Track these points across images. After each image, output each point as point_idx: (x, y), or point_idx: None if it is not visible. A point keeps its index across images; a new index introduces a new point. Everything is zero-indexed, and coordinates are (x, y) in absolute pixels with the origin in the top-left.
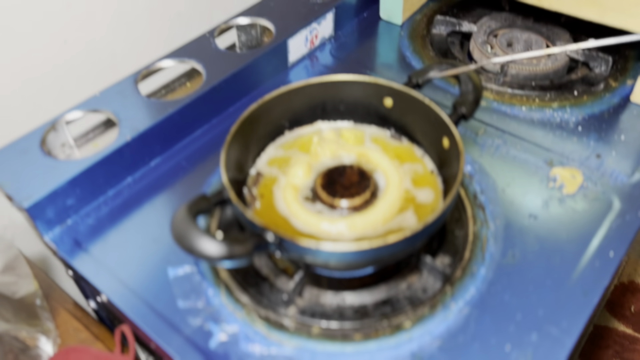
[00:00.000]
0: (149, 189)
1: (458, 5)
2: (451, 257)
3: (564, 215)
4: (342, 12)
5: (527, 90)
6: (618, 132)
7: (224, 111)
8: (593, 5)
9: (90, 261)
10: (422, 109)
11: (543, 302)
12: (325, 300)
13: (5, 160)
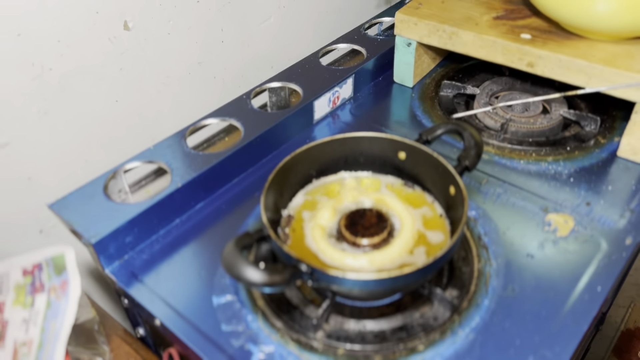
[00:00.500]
0: (195, 229)
1: (463, 71)
2: (459, 290)
3: (558, 255)
4: (360, 77)
5: (525, 145)
6: (606, 183)
7: (258, 162)
8: (579, 73)
9: (145, 291)
10: (432, 161)
11: (539, 329)
12: (349, 327)
13: (74, 203)
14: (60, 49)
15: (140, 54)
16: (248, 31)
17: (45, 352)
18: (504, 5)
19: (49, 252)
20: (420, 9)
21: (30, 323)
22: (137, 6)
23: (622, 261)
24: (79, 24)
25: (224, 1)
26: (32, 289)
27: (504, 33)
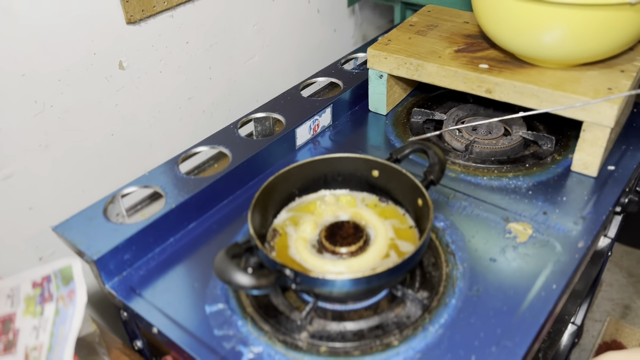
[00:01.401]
0: (188, 247)
1: (431, 99)
2: (429, 291)
3: (517, 258)
4: (338, 106)
5: (487, 164)
6: (561, 195)
7: (245, 185)
8: (532, 97)
9: (143, 303)
10: (401, 177)
11: (500, 323)
12: (331, 328)
13: (76, 225)
14: (61, 88)
15: (134, 91)
16: (234, 68)
17: (55, 353)
18: (464, 40)
19: (57, 264)
20: (389, 44)
21: (40, 330)
22: (132, 47)
23: (574, 262)
24: (78, 65)
25: (211, 42)
26: (41, 299)
27: (464, 64)
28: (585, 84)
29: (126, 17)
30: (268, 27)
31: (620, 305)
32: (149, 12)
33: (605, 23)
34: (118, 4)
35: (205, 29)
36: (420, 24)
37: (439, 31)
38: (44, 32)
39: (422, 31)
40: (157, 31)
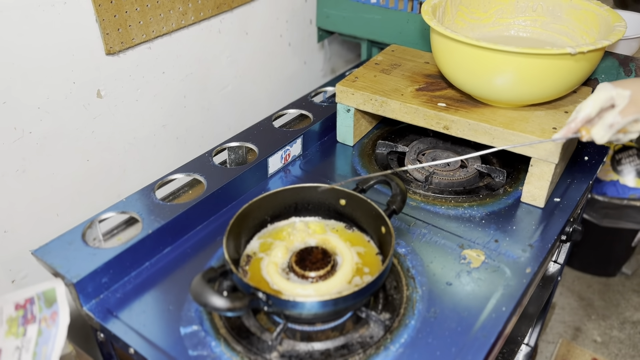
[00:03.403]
0: (163, 271)
1: (395, 132)
2: (391, 313)
3: (471, 282)
4: (308, 137)
5: (445, 194)
6: (511, 224)
7: (219, 211)
8: (485, 134)
9: (120, 324)
10: (366, 206)
11: (455, 342)
12: (300, 348)
13: (55, 248)
14: (40, 115)
15: (110, 119)
16: (208, 97)
17: None
18: (425, 79)
19: (40, 287)
20: (356, 81)
21: (23, 350)
22: (110, 77)
23: (522, 286)
24: (58, 93)
25: (186, 72)
26: (24, 321)
27: (424, 102)
28: (533, 123)
29: (106, 48)
30: (241, 58)
31: (572, 328)
32: (128, 44)
33: (550, 69)
34: (99, 36)
35: (181, 60)
36: (384, 63)
37: (401, 70)
38: (27, 61)
39: (386, 70)
40: (135, 62)
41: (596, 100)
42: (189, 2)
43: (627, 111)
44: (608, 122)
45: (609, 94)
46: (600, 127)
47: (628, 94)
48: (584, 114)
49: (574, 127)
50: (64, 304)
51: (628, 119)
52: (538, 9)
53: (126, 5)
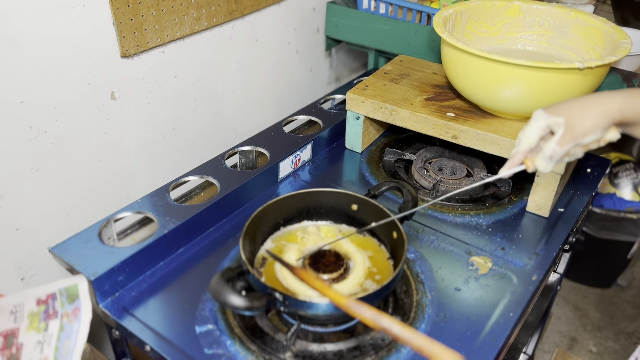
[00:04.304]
0: (177, 270)
1: (402, 140)
2: (401, 317)
3: (479, 288)
4: (318, 143)
5: (452, 202)
6: (517, 232)
7: (231, 214)
8: (492, 144)
9: (136, 322)
10: (378, 211)
11: (464, 346)
12: (312, 349)
13: (72, 247)
14: (56, 115)
15: (123, 120)
16: (217, 102)
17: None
18: (433, 89)
19: (62, 283)
20: (366, 90)
21: (45, 344)
22: (124, 79)
23: (529, 293)
24: (73, 94)
25: (197, 76)
26: (45, 316)
27: (434, 112)
28: None
29: (121, 51)
30: (250, 64)
31: (568, 337)
32: (143, 47)
33: (558, 83)
34: (115, 39)
35: (193, 65)
36: (393, 72)
37: (410, 80)
38: (45, 62)
39: (395, 79)
40: (149, 65)
41: (533, 130)
42: (202, 8)
43: (564, 140)
44: (548, 155)
45: (545, 123)
46: (542, 159)
47: (562, 122)
48: (525, 146)
49: (517, 160)
50: (87, 300)
51: (566, 148)
52: (545, 24)
53: (143, 9)
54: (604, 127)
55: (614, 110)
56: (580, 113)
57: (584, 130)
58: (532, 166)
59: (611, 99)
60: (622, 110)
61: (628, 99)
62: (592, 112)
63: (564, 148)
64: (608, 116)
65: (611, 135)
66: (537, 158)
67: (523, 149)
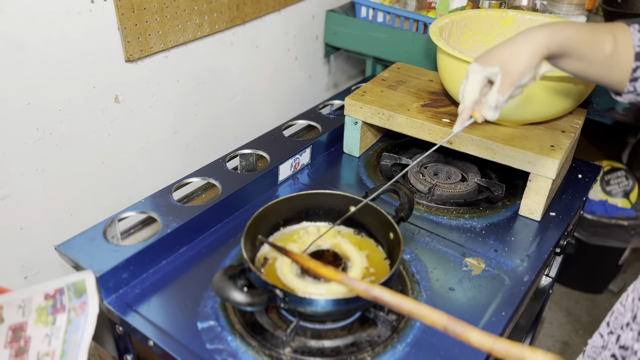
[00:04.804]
0: (179, 269)
1: (399, 145)
2: (397, 314)
3: (472, 288)
4: (317, 147)
5: (447, 205)
6: (509, 235)
7: (232, 215)
8: (486, 149)
9: (139, 318)
10: (376, 213)
11: (457, 344)
12: (311, 345)
13: (78, 244)
14: (61, 117)
15: (126, 123)
16: (218, 107)
17: (69, 358)
18: (429, 96)
19: (70, 278)
20: (364, 96)
21: (53, 337)
22: (127, 83)
23: (521, 293)
24: (79, 96)
25: (199, 81)
26: (53, 310)
27: (429, 117)
28: (532, 141)
29: (126, 55)
30: (251, 70)
31: (560, 342)
32: (147, 52)
33: (550, 91)
34: (120, 44)
35: (195, 70)
36: (391, 79)
37: (407, 87)
38: (51, 65)
39: (392, 86)
40: (152, 69)
41: (474, 83)
42: (205, 15)
43: (504, 87)
44: (493, 104)
45: (483, 75)
46: (488, 110)
47: (498, 71)
48: (469, 101)
49: (466, 116)
50: (94, 294)
51: (507, 95)
52: None
53: (147, 15)
54: (536, 64)
55: (542, 46)
56: (512, 57)
57: (519, 72)
58: (481, 117)
59: (537, 36)
60: (549, 44)
61: (553, 33)
62: (522, 54)
63: (506, 95)
64: (537, 53)
65: (544, 69)
66: (483, 109)
67: (468, 104)
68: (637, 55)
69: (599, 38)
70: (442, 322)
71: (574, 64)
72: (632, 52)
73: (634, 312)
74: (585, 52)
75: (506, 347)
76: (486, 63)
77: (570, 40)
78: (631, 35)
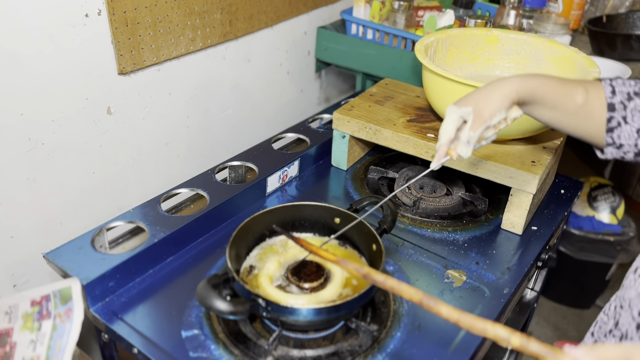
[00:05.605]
0: (165, 278)
1: (386, 159)
2: (378, 325)
3: (454, 300)
4: (305, 160)
5: (431, 218)
6: (491, 248)
7: (219, 225)
8: (470, 165)
9: (124, 326)
10: (359, 225)
11: (437, 354)
12: (293, 354)
13: (66, 253)
14: (53, 127)
15: (117, 134)
16: (209, 119)
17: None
18: (415, 111)
19: (56, 285)
20: (352, 110)
21: (38, 343)
22: (120, 95)
23: (500, 305)
24: (71, 108)
25: (191, 94)
26: (39, 316)
27: (415, 132)
28: (513, 156)
29: (118, 68)
30: (242, 84)
31: None
32: (139, 65)
33: None
34: (113, 56)
35: (187, 83)
36: (378, 95)
37: (394, 102)
38: (45, 78)
39: (380, 101)
40: (144, 82)
41: (449, 123)
42: (198, 30)
43: (475, 125)
44: (464, 140)
45: (458, 114)
46: (461, 146)
47: (471, 110)
48: (445, 139)
49: (442, 153)
50: (79, 301)
51: (479, 132)
52: (522, 52)
53: (140, 29)
54: (506, 107)
55: (512, 91)
56: (484, 99)
57: (490, 112)
58: (455, 154)
59: (508, 83)
60: (518, 90)
61: (522, 81)
62: (493, 97)
63: (477, 132)
64: (507, 97)
65: (514, 113)
66: (457, 147)
67: (444, 141)
68: (609, 105)
69: (570, 88)
70: (419, 297)
71: (547, 113)
72: (604, 103)
73: (616, 319)
74: (556, 101)
75: (471, 320)
76: (461, 104)
77: (540, 88)
78: (602, 88)
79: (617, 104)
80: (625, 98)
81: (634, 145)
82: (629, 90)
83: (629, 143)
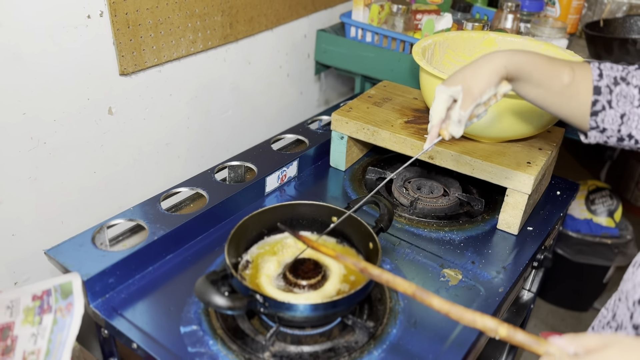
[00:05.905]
0: (165, 275)
1: (384, 160)
2: (375, 322)
3: (449, 298)
4: (303, 160)
5: (428, 219)
6: (487, 248)
7: (218, 224)
8: (466, 165)
9: (124, 322)
10: (356, 223)
11: (433, 350)
12: (290, 350)
13: (67, 250)
14: (55, 127)
15: (118, 134)
16: (210, 120)
17: (53, 356)
18: (413, 113)
19: (57, 280)
20: (350, 111)
21: (38, 336)
22: (121, 96)
23: (495, 304)
24: (73, 107)
25: (191, 95)
26: (40, 310)
27: (412, 133)
28: (509, 157)
29: (120, 69)
30: (243, 86)
31: None
32: (141, 66)
33: (527, 109)
34: (114, 57)
35: (188, 84)
36: (377, 96)
37: (392, 104)
38: (47, 78)
39: (378, 102)
40: (145, 83)
41: (439, 103)
42: (198, 32)
43: (466, 104)
44: (456, 119)
45: (447, 94)
46: (452, 126)
47: (460, 89)
48: (437, 119)
49: (434, 134)
50: (80, 296)
51: (469, 110)
52: None
53: (142, 31)
54: (495, 83)
55: (500, 66)
56: (473, 76)
57: (479, 89)
58: (448, 134)
59: (496, 58)
60: (507, 65)
61: (510, 56)
62: (482, 73)
63: (468, 110)
64: (496, 72)
65: (503, 88)
66: (449, 126)
67: (436, 122)
68: (595, 88)
69: (557, 67)
70: (412, 289)
71: (533, 90)
72: (590, 86)
73: (614, 312)
74: (542, 78)
75: (460, 311)
76: (450, 83)
77: (528, 64)
78: (590, 71)
79: (603, 87)
80: (611, 82)
81: (617, 131)
82: (616, 75)
83: (612, 128)
